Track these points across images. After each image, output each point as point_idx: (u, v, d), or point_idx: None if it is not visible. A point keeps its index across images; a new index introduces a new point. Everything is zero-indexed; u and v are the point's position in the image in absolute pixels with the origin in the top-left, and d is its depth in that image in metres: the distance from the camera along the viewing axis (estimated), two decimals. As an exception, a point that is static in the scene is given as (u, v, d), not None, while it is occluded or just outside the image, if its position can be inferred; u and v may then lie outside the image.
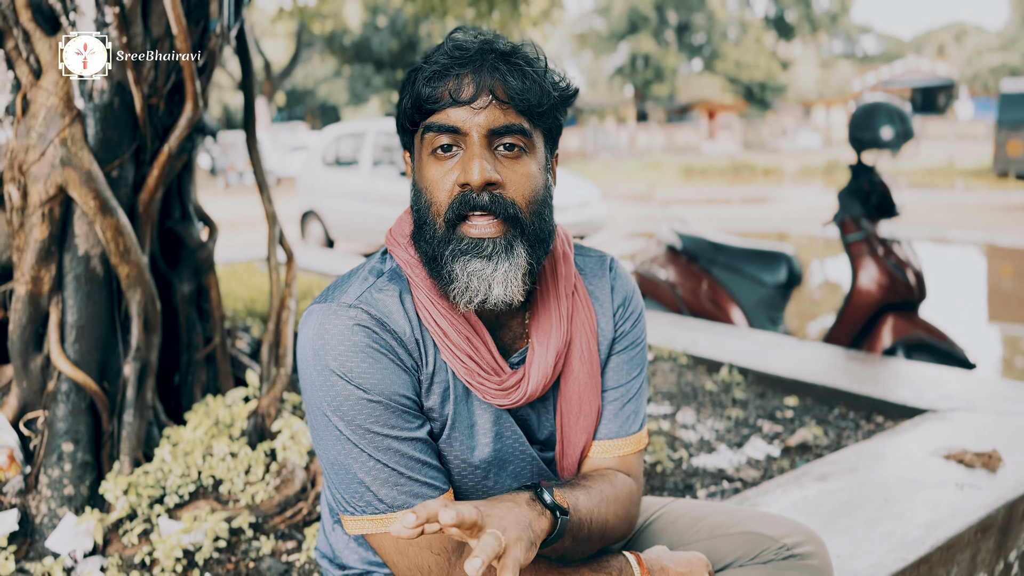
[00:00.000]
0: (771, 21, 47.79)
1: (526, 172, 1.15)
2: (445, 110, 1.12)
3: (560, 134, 1.25)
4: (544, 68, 1.17)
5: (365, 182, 9.57)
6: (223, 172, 23.38)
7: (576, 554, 1.20)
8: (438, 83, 1.12)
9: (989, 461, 2.24)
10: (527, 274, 1.16)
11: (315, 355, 1.14)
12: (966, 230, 11.47)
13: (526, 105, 1.13)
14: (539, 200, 1.17)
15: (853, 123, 3.89)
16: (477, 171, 1.10)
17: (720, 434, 2.70)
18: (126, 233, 2.11)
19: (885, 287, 3.79)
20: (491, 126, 1.12)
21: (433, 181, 1.15)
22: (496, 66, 1.12)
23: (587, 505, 1.18)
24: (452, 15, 6.08)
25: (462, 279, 1.13)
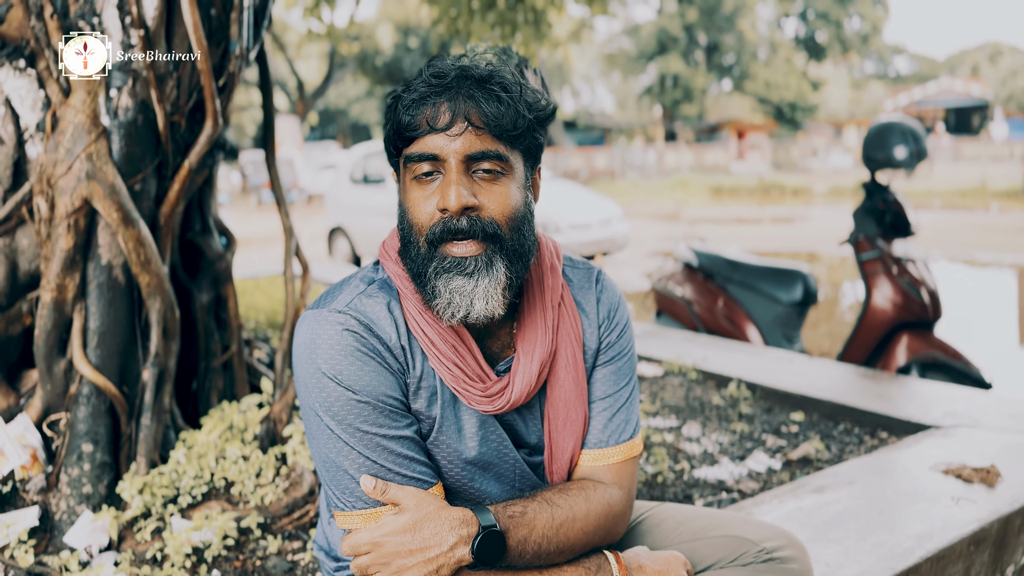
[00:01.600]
0: (801, 41, 47.65)
1: (504, 192, 1.21)
2: (423, 138, 1.19)
3: (540, 152, 1.30)
4: (519, 92, 1.22)
5: (391, 199, 9.71)
6: (256, 190, 23.79)
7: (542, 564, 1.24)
8: (416, 111, 1.19)
9: (987, 476, 2.25)
10: (507, 288, 1.22)
11: (308, 358, 1.22)
12: (996, 251, 11.33)
13: (501, 130, 1.19)
14: (518, 217, 1.23)
15: (867, 143, 3.92)
16: (454, 197, 1.16)
17: (724, 447, 2.73)
18: (147, 244, 2.22)
19: (899, 306, 3.80)
20: (467, 152, 1.18)
21: (415, 204, 1.21)
22: (471, 93, 1.18)
23: (547, 523, 1.21)
24: (476, 37, 6.20)
25: (444, 295, 1.19)
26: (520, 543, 1.18)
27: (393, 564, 1.13)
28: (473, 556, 1.14)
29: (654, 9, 46.34)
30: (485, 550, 1.14)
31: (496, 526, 1.16)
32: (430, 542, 1.13)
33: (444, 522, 1.15)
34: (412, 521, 1.15)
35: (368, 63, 32.79)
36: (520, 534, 1.18)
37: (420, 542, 1.13)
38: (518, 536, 1.18)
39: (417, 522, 1.15)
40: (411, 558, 1.13)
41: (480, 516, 1.16)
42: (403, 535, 1.14)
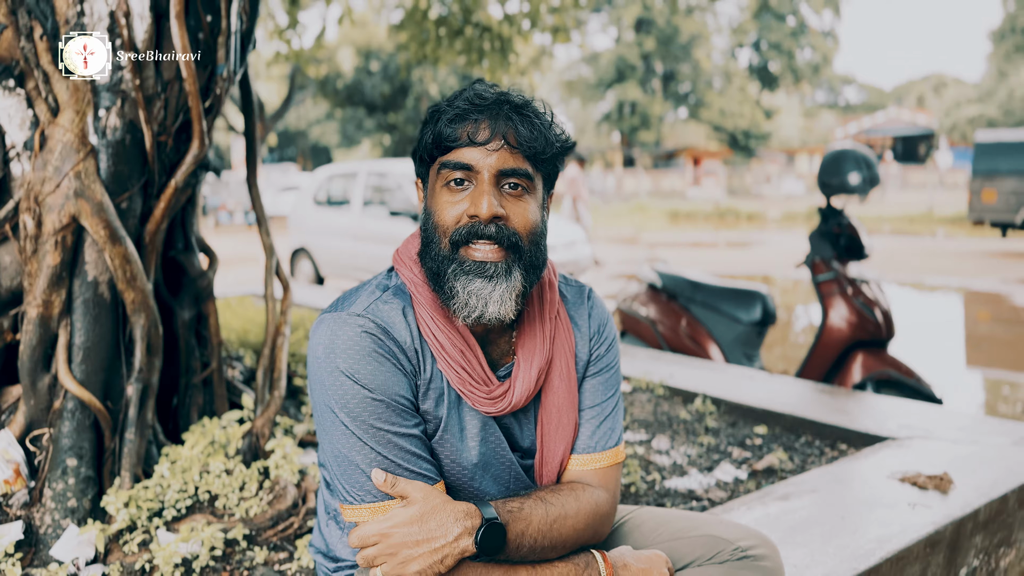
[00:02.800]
0: (755, 71, 48.86)
1: (527, 208, 1.32)
2: (461, 149, 1.30)
3: (556, 178, 1.43)
4: (550, 122, 1.36)
5: (356, 221, 9.75)
6: (214, 211, 23.57)
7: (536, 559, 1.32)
8: (458, 125, 1.30)
9: (941, 483, 2.38)
10: (520, 295, 1.32)
11: (326, 357, 1.29)
12: (943, 275, 11.73)
13: (532, 152, 1.31)
14: (537, 232, 1.34)
15: (822, 169, 4.09)
16: (486, 206, 1.27)
17: (692, 459, 2.83)
18: (133, 261, 2.26)
19: (854, 325, 3.96)
20: (501, 167, 1.29)
21: (443, 207, 1.32)
22: (510, 116, 1.30)
23: (539, 526, 1.30)
24: (444, 63, 6.32)
25: (462, 296, 1.29)
26: (518, 536, 1.27)
27: (400, 554, 1.21)
28: (476, 547, 1.22)
29: (612, 38, 47.19)
30: (487, 541, 1.22)
31: (498, 519, 1.24)
32: (436, 533, 1.21)
33: (449, 514, 1.22)
34: (419, 513, 1.22)
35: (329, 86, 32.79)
36: (518, 528, 1.27)
37: (426, 533, 1.21)
38: (517, 529, 1.26)
39: (424, 514, 1.22)
40: (417, 548, 1.20)
41: (483, 509, 1.25)
42: (410, 526, 1.22)
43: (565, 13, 6.49)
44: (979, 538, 2.31)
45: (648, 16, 43.40)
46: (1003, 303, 9.58)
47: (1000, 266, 12.86)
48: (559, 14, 6.44)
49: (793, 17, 47.64)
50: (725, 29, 49.19)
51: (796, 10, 47.38)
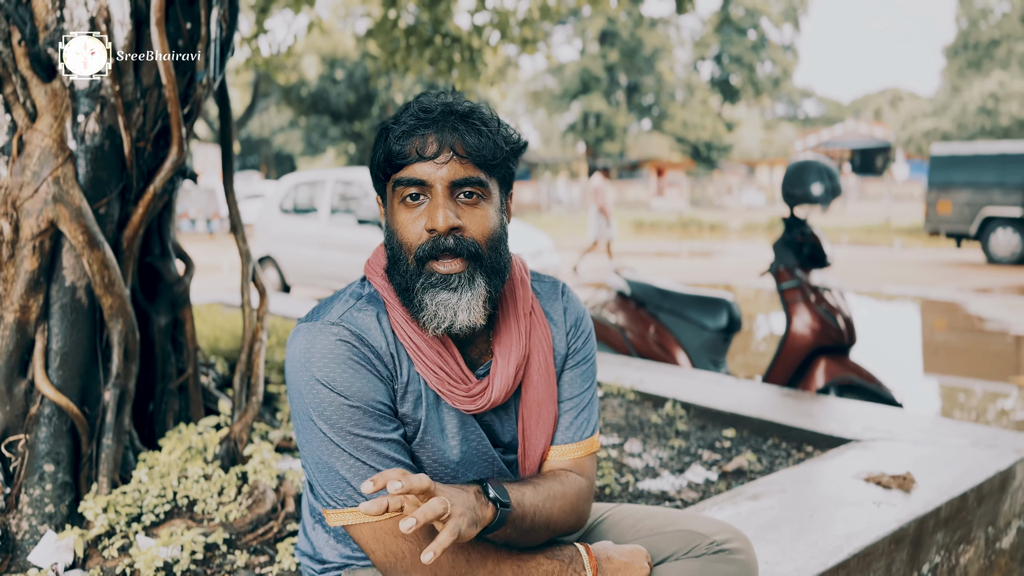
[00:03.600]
0: (716, 84, 49.61)
1: (484, 215, 1.36)
2: (412, 165, 1.32)
3: (513, 179, 1.46)
4: (497, 126, 1.38)
5: (323, 229, 9.72)
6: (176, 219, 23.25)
7: (523, 542, 1.37)
8: (406, 141, 1.32)
9: (904, 482, 2.47)
10: (487, 300, 1.36)
11: (303, 366, 1.32)
12: (901, 285, 12.02)
13: (482, 159, 1.34)
14: (496, 237, 1.38)
15: (786, 180, 4.20)
16: (442, 219, 1.30)
17: (664, 461, 2.90)
18: (111, 266, 2.26)
19: (817, 331, 4.07)
20: (452, 178, 1.32)
21: (404, 225, 1.35)
22: (456, 126, 1.33)
23: (532, 500, 1.35)
24: (413, 72, 6.35)
25: (431, 308, 1.33)
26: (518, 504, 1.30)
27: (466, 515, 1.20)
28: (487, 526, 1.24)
29: (577, 50, 47.58)
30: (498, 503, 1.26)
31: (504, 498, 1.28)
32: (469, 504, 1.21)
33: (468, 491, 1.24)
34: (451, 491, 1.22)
35: (293, 93, 32.59)
36: (515, 496, 1.31)
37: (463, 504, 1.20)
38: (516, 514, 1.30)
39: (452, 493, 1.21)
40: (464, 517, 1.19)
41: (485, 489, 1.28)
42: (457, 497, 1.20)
43: (533, 25, 6.57)
44: (941, 535, 2.39)
45: (612, 29, 43.86)
46: (958, 311, 9.85)
47: (955, 275, 13.21)
48: (527, 26, 6.52)
49: (754, 31, 48.52)
50: (687, 42, 49.92)
51: (757, 24, 48.26)
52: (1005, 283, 12.31)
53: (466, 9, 6.52)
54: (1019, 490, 2.76)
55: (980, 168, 15.16)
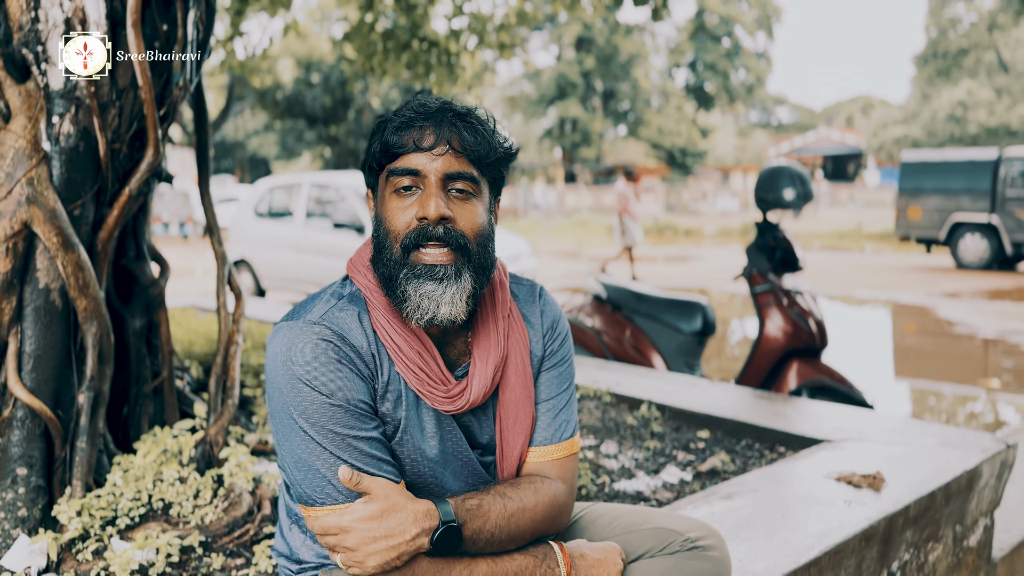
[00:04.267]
0: (691, 91, 50.01)
1: (474, 211, 1.38)
2: (408, 155, 1.35)
3: (503, 185, 1.49)
4: (492, 128, 1.42)
5: (298, 233, 9.68)
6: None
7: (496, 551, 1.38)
8: (404, 132, 1.35)
9: (874, 482, 2.51)
10: (471, 296, 1.38)
11: (284, 365, 1.33)
12: (872, 289, 12.19)
13: (476, 156, 1.37)
14: (484, 234, 1.40)
15: (759, 185, 4.26)
16: (434, 207, 1.32)
17: (639, 462, 2.93)
18: (86, 268, 2.24)
19: (790, 334, 4.13)
20: (446, 171, 1.34)
21: (394, 213, 1.36)
22: (453, 122, 1.36)
23: (500, 514, 1.36)
24: (390, 76, 6.36)
25: (414, 299, 1.34)
26: (475, 533, 1.32)
27: (359, 550, 1.26)
28: (432, 546, 1.28)
29: (553, 56, 47.76)
30: (443, 542, 1.28)
31: (455, 520, 1.29)
32: (394, 531, 1.26)
33: (409, 513, 1.27)
34: (380, 510, 1.27)
35: (268, 97, 32.40)
36: (475, 525, 1.32)
37: (384, 530, 1.26)
38: (474, 527, 1.32)
39: (384, 511, 1.27)
40: (374, 544, 1.25)
41: (441, 509, 1.30)
42: (369, 523, 1.26)
43: (510, 30, 6.61)
44: (910, 533, 2.44)
45: (588, 35, 44.08)
46: (928, 315, 10.01)
47: (925, 280, 13.43)
48: (504, 31, 6.55)
49: (728, 39, 48.97)
50: (663, 49, 50.30)
51: (731, 32, 48.72)
52: (973, 287, 12.53)
53: (443, 14, 6.54)
54: (986, 489, 2.82)
55: (949, 175, 15.42)
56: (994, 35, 38.45)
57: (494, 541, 1.35)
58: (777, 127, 64.30)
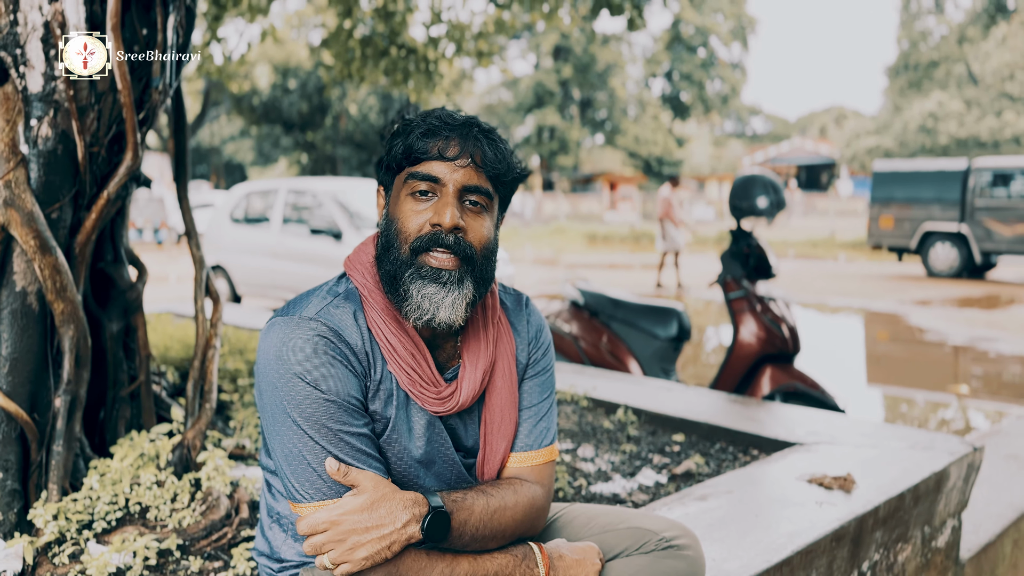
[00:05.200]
0: (667, 101, 50.44)
1: (484, 225, 1.42)
2: (431, 162, 1.39)
3: (510, 203, 1.54)
4: (511, 150, 1.47)
5: (275, 239, 9.64)
6: (121, 229, 22.75)
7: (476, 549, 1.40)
8: (430, 139, 1.39)
9: (845, 483, 2.56)
10: (470, 304, 1.42)
11: (278, 360, 1.34)
12: (845, 297, 12.35)
13: (495, 173, 1.41)
14: (490, 248, 1.44)
15: (733, 193, 4.33)
16: (449, 216, 1.36)
17: (616, 465, 2.96)
18: (63, 272, 2.24)
19: (763, 340, 4.19)
20: (465, 183, 1.39)
21: (407, 215, 1.40)
22: (478, 137, 1.41)
23: (483, 510, 1.39)
24: (368, 82, 6.37)
25: (416, 299, 1.38)
26: (461, 524, 1.34)
27: (349, 540, 1.27)
28: (422, 533, 1.29)
29: (531, 64, 47.97)
30: (433, 528, 1.30)
31: (444, 507, 1.32)
32: (384, 520, 1.28)
33: (398, 503, 1.29)
34: (369, 501, 1.29)
35: (245, 102, 32.23)
36: (462, 516, 1.35)
37: (375, 520, 1.27)
38: (460, 518, 1.34)
39: (374, 502, 1.29)
40: (366, 535, 1.27)
41: (429, 499, 1.32)
42: (360, 514, 1.28)
43: (488, 38, 6.65)
44: (879, 533, 2.49)
45: (566, 44, 44.33)
46: (900, 323, 10.16)
47: (897, 288, 13.63)
48: (482, 39, 6.59)
49: (704, 49, 49.49)
50: (639, 59, 50.71)
51: (707, 43, 49.26)
52: (944, 296, 12.74)
53: (421, 22, 6.57)
54: (953, 491, 2.88)
55: (920, 185, 15.69)
56: (964, 48, 39.18)
57: (478, 537, 1.38)
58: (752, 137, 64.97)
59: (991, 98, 35.36)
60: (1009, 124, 33.53)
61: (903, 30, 42.34)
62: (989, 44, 36.24)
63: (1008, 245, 14.71)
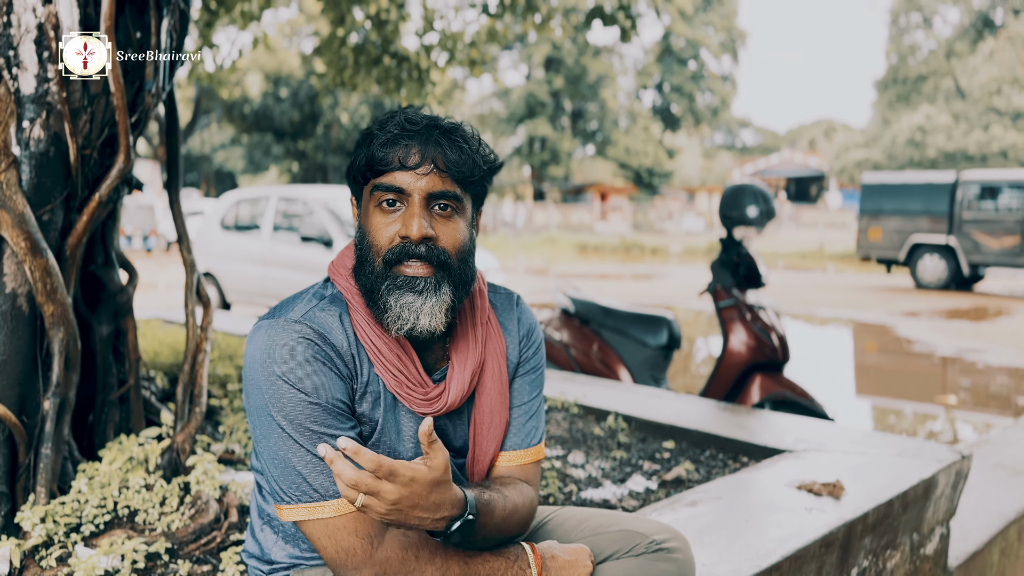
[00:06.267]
0: (658, 112, 50.68)
1: (456, 228, 1.40)
2: (393, 173, 1.37)
3: (485, 197, 1.52)
4: (477, 144, 1.44)
5: (265, 246, 9.62)
6: (111, 236, 22.67)
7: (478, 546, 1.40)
8: (390, 149, 1.37)
9: (834, 490, 2.57)
10: (450, 309, 1.40)
11: (263, 363, 1.34)
12: (833, 308, 12.40)
13: (460, 175, 1.39)
14: (465, 250, 1.43)
15: (723, 202, 4.35)
16: (416, 228, 1.35)
17: (606, 472, 2.96)
18: (54, 274, 2.23)
19: (753, 348, 4.20)
20: (430, 190, 1.36)
21: (377, 228, 1.38)
22: (439, 140, 1.38)
23: (500, 511, 1.38)
24: (361, 90, 6.38)
25: (395, 309, 1.36)
26: (480, 528, 1.33)
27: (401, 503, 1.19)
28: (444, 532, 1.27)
29: (523, 75, 48.14)
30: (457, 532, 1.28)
31: (475, 517, 1.29)
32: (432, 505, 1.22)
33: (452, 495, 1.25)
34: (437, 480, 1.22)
35: (236, 111, 32.19)
36: (483, 520, 1.33)
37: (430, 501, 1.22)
38: (481, 522, 1.33)
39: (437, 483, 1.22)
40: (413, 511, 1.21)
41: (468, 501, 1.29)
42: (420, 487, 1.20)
43: (480, 46, 6.67)
44: (868, 540, 2.50)
45: (557, 55, 44.50)
46: (888, 334, 10.21)
47: (885, 299, 13.70)
48: (475, 47, 6.61)
49: (694, 61, 49.78)
50: (630, 71, 50.94)
51: (697, 55, 49.54)
52: (932, 307, 12.82)
53: (414, 31, 6.59)
54: (941, 498, 2.89)
55: (909, 197, 15.80)
56: (952, 62, 39.56)
57: (489, 537, 1.37)
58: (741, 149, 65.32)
59: (979, 112, 35.69)
60: (996, 138, 33.84)
61: (892, 44, 42.71)
62: (977, 59, 36.61)
63: (996, 257, 14.83)
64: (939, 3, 41.02)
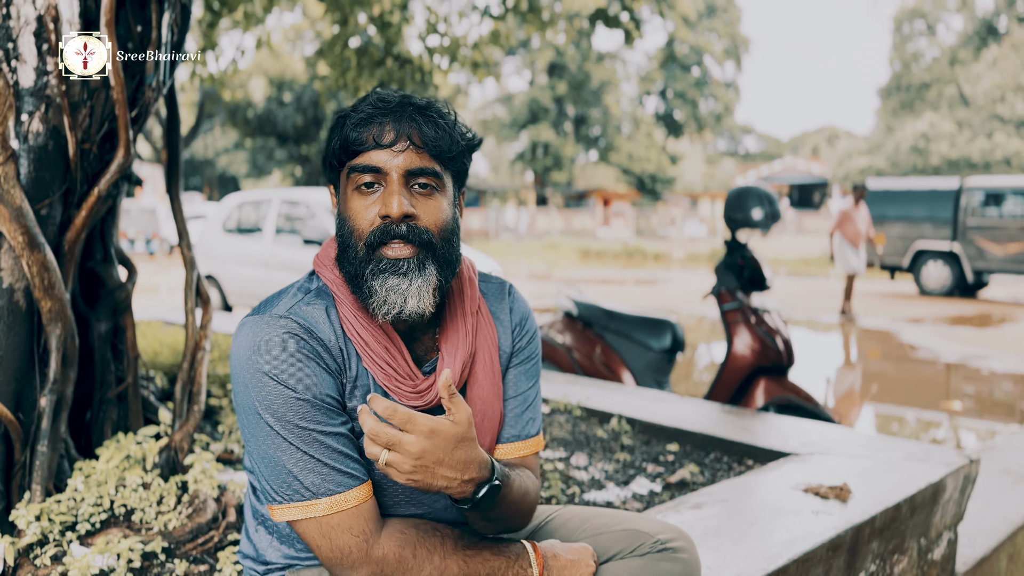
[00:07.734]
0: (661, 118, 50.69)
1: (437, 206, 1.37)
2: (368, 152, 1.33)
3: (467, 176, 1.47)
4: (454, 120, 1.40)
5: (268, 249, 9.60)
6: (113, 239, 22.69)
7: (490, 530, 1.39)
8: (363, 129, 1.33)
9: (841, 493, 2.54)
10: (437, 289, 1.37)
11: (249, 360, 1.30)
12: (836, 314, 12.35)
13: (438, 151, 1.35)
14: (448, 228, 1.39)
15: (728, 205, 4.32)
16: (396, 205, 1.31)
17: (609, 474, 2.93)
18: (52, 269, 2.20)
19: (757, 352, 4.17)
20: (408, 167, 1.33)
21: (357, 212, 1.35)
22: (414, 117, 1.34)
23: (518, 489, 1.37)
24: (363, 92, 6.37)
25: (381, 293, 1.33)
26: (501, 500, 1.32)
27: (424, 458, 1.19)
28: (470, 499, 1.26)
29: (526, 80, 48.18)
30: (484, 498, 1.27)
31: (500, 482, 1.29)
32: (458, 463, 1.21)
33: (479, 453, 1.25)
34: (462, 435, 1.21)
35: (239, 115, 32.24)
36: (504, 491, 1.32)
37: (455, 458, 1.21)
38: (503, 492, 1.32)
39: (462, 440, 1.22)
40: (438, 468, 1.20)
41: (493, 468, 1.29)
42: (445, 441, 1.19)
43: (484, 48, 6.66)
44: (876, 544, 2.46)
45: (561, 61, 44.55)
46: (892, 340, 10.17)
47: (889, 306, 13.65)
48: (477, 50, 6.60)
49: (698, 68, 49.79)
50: (633, 77, 50.98)
51: (700, 62, 49.56)
52: (936, 314, 12.77)
53: (417, 34, 6.58)
54: (949, 502, 2.85)
55: (912, 204, 15.76)
56: (955, 70, 39.54)
57: (504, 517, 1.36)
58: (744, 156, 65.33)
59: (982, 120, 35.65)
60: (1000, 145, 33.80)
61: (895, 52, 42.70)
62: (980, 66, 36.58)
63: (1000, 264, 14.77)
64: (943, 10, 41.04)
